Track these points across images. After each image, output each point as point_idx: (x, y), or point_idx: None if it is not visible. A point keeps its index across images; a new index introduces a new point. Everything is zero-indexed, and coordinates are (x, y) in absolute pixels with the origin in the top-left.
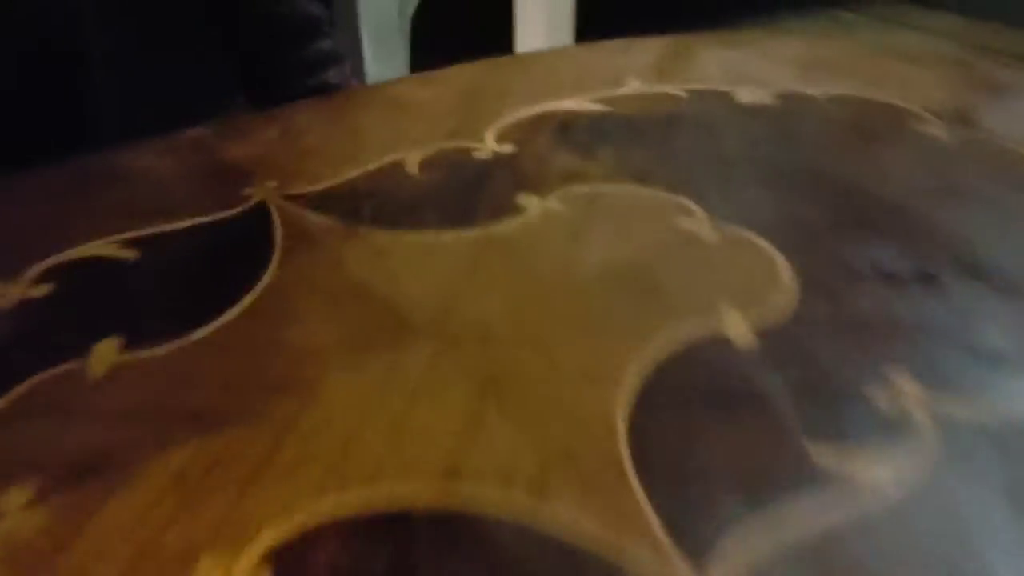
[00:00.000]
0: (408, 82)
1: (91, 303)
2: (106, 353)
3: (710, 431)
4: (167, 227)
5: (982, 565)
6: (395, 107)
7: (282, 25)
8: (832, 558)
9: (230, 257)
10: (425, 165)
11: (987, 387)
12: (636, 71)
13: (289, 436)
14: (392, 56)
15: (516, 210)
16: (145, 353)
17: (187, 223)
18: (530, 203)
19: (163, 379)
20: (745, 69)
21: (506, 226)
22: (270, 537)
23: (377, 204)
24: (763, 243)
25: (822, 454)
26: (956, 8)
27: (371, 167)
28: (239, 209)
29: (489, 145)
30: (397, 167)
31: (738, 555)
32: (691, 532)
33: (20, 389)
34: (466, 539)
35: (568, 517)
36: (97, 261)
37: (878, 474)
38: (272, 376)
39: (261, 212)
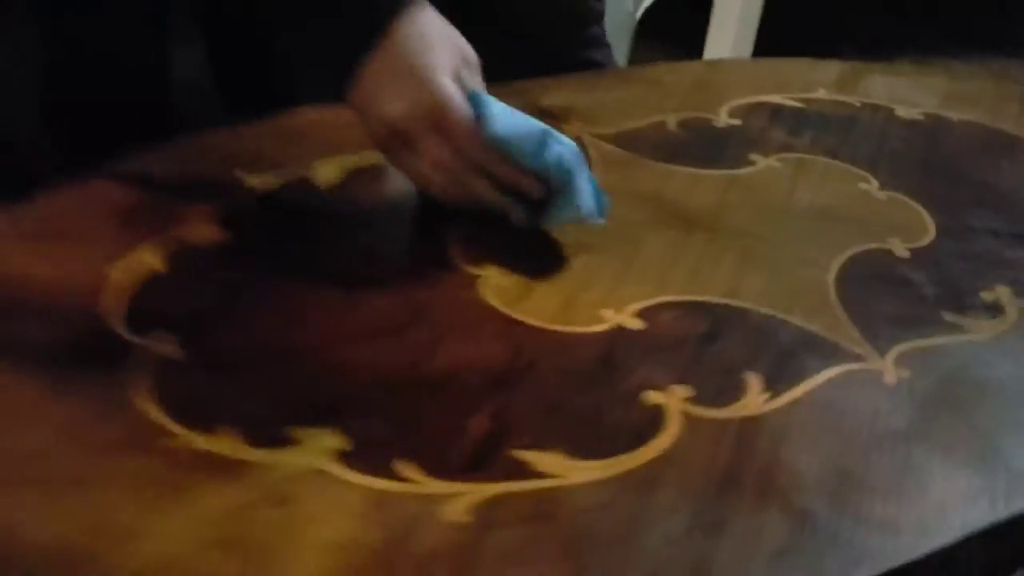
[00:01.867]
0: (655, 68)
1: None
2: None
3: (882, 296)
4: None
5: None
6: (651, 84)
7: (567, 9)
8: (955, 358)
9: None
10: (680, 125)
11: None
12: (823, 83)
13: (634, 263)
14: (617, 49)
15: (749, 163)
16: None
17: None
18: (758, 159)
19: None
20: (901, 93)
21: (743, 171)
22: (633, 307)
23: (651, 147)
24: (914, 204)
25: (947, 315)
26: None
27: (643, 123)
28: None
29: (723, 118)
30: (661, 124)
31: (896, 351)
32: (870, 333)
33: None
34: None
35: (799, 325)
36: None
37: (982, 330)
38: (612, 233)
39: (576, 143)
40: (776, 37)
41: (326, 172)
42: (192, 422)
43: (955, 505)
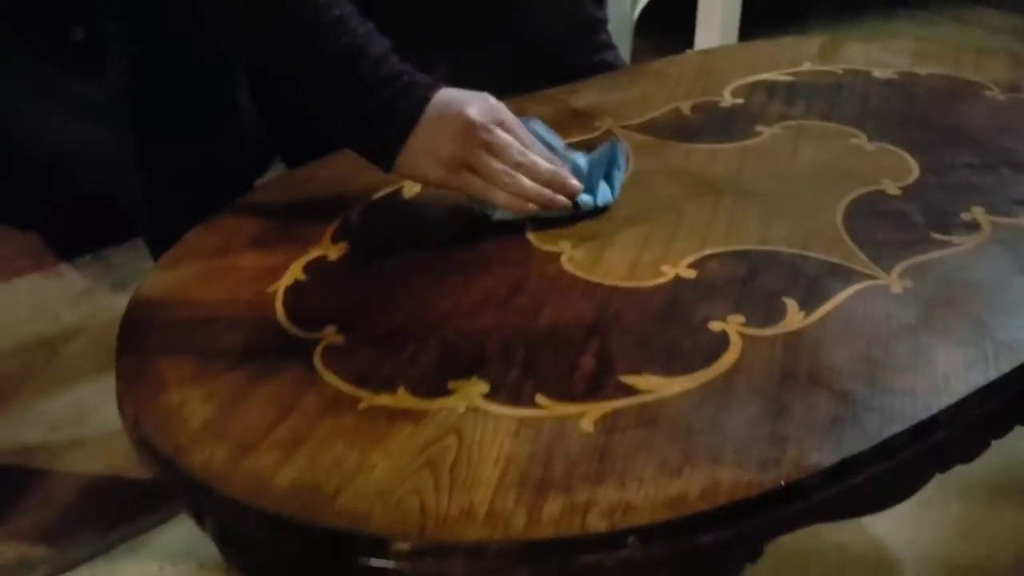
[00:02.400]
0: (660, 62)
1: None
2: None
3: (882, 226)
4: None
5: None
6: (660, 77)
7: (577, 21)
8: (946, 266)
9: None
10: (694, 109)
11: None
12: (807, 56)
13: (679, 226)
14: (621, 49)
15: (755, 134)
16: None
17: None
18: (763, 130)
19: None
20: (876, 56)
21: (752, 142)
22: (686, 261)
23: (672, 131)
24: (900, 150)
25: (936, 235)
26: (1010, 7)
27: (662, 111)
28: (598, 133)
29: (728, 99)
30: (677, 111)
31: (899, 267)
32: (876, 257)
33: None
34: (770, 263)
35: (819, 257)
36: None
37: (964, 243)
38: (656, 206)
39: (610, 135)
40: (754, 14)
41: (411, 187)
42: (373, 387)
43: (958, 373)
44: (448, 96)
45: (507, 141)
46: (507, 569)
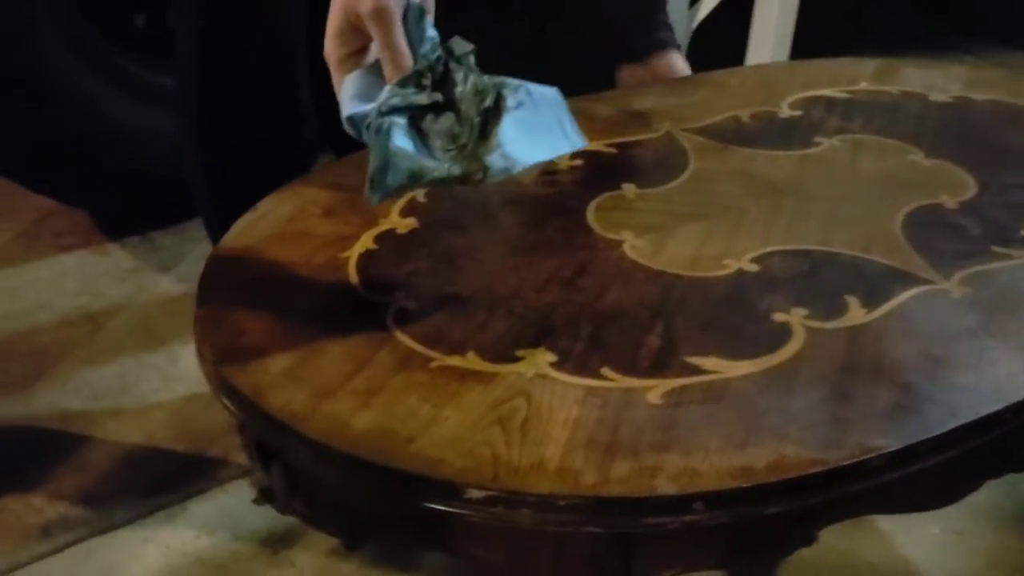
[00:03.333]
0: (719, 73)
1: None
2: None
3: (941, 237)
4: (632, 139)
5: None
6: (719, 87)
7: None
8: (1005, 277)
9: (669, 155)
10: (752, 117)
11: None
12: (864, 77)
13: (740, 223)
14: None
15: (814, 144)
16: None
17: (636, 139)
18: (821, 141)
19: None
20: (933, 81)
21: (811, 151)
22: (749, 256)
23: (732, 136)
24: (957, 168)
25: (995, 248)
26: None
27: (719, 118)
28: (658, 134)
29: (785, 110)
30: (736, 118)
31: (959, 275)
32: (935, 264)
33: None
34: (831, 263)
35: (879, 261)
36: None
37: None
38: (716, 202)
39: (670, 137)
40: (804, 43)
41: None
42: (445, 349)
43: (1018, 375)
44: None
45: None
46: (575, 523)
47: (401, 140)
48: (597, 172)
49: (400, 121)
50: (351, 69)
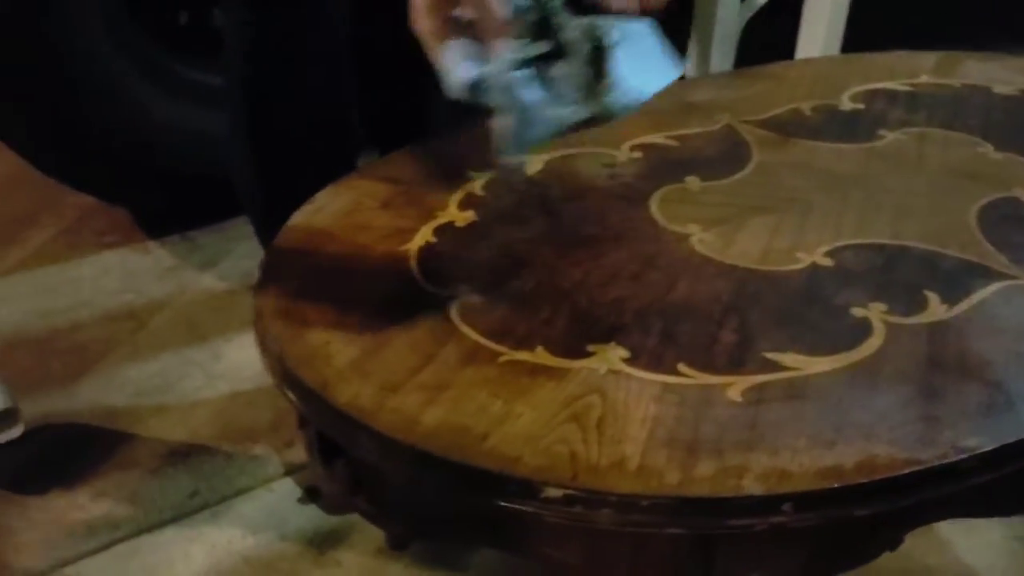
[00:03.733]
0: (776, 65)
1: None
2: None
3: (1018, 229)
4: (691, 131)
5: None
6: (777, 79)
7: None
8: None
9: (730, 147)
10: (813, 110)
11: None
12: (924, 70)
13: (809, 217)
14: (727, 54)
15: (879, 137)
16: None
17: (695, 131)
18: (886, 134)
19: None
20: (995, 74)
21: (876, 144)
22: (821, 250)
23: (794, 128)
24: None
25: None
26: None
27: (779, 110)
28: (718, 127)
29: (847, 103)
30: (797, 111)
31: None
32: (1016, 259)
33: None
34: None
35: (956, 255)
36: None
37: None
38: (782, 196)
39: (730, 129)
40: (853, 39)
41: (534, 163)
42: (512, 344)
43: None
44: None
45: None
46: (657, 523)
47: (532, 93)
48: (658, 164)
49: (525, 75)
50: (445, 38)
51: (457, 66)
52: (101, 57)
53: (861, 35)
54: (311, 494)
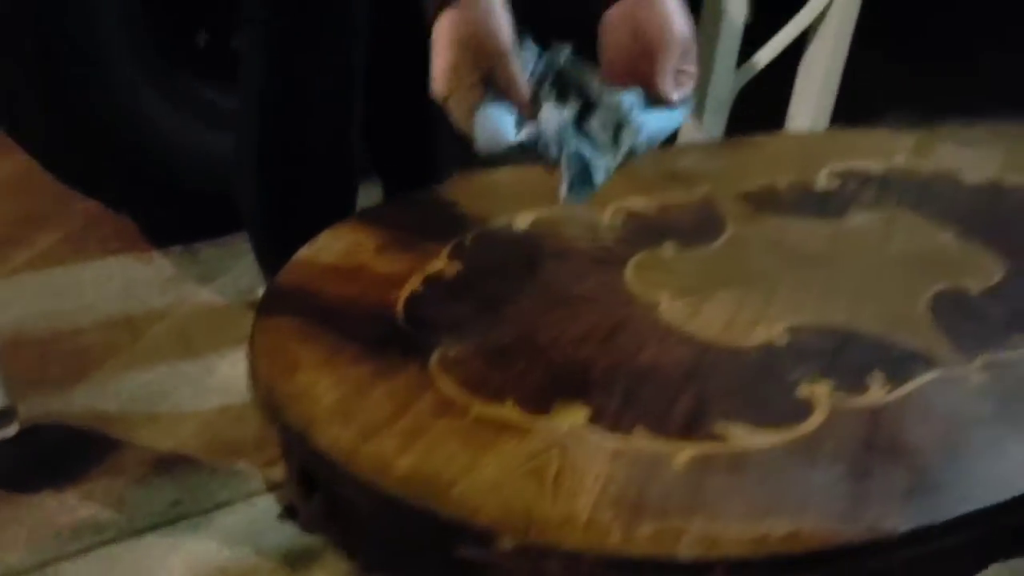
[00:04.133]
0: (759, 137)
1: None
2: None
3: (966, 321)
4: (672, 199)
5: None
6: (760, 151)
7: None
8: (1019, 369)
9: (707, 218)
10: (789, 186)
11: None
12: (901, 150)
13: (774, 294)
14: (719, 120)
15: (848, 218)
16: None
17: (676, 200)
18: (855, 216)
19: None
20: (968, 160)
21: (844, 224)
22: (780, 327)
23: (767, 204)
24: (986, 251)
25: (1016, 337)
26: None
27: (756, 185)
28: (697, 197)
29: (821, 181)
30: (772, 186)
31: (980, 360)
32: (960, 349)
33: None
34: (858, 340)
35: (904, 340)
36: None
37: None
38: (752, 271)
39: (708, 201)
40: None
41: (523, 220)
42: (484, 397)
43: None
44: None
45: None
46: None
47: (585, 146)
48: (638, 230)
49: (573, 131)
50: (475, 102)
51: (496, 129)
52: (118, 73)
53: (851, 99)
54: (290, 512)
